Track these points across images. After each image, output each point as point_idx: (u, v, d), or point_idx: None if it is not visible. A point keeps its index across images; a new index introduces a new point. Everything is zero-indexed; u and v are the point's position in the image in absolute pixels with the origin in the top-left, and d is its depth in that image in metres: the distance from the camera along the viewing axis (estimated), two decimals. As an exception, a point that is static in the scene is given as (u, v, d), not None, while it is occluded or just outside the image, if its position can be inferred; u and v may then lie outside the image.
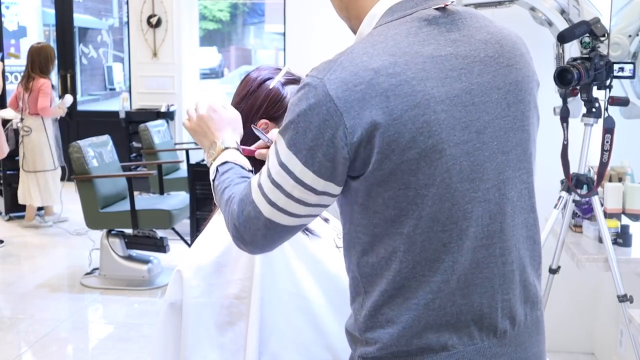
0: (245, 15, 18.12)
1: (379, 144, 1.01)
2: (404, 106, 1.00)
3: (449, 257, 1.06)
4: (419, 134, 1.01)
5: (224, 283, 1.48)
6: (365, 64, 1.02)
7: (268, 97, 1.57)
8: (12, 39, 10.73)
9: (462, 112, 1.04)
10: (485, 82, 1.07)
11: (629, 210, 2.69)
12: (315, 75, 1.05)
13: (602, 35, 2.50)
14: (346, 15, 1.19)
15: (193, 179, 4.74)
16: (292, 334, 1.47)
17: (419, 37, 1.06)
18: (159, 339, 1.55)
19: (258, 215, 1.11)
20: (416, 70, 1.02)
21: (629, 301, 2.51)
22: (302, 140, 1.04)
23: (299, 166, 1.05)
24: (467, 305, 1.08)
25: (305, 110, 1.03)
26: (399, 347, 1.08)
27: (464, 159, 1.04)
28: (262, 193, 1.10)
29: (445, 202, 1.04)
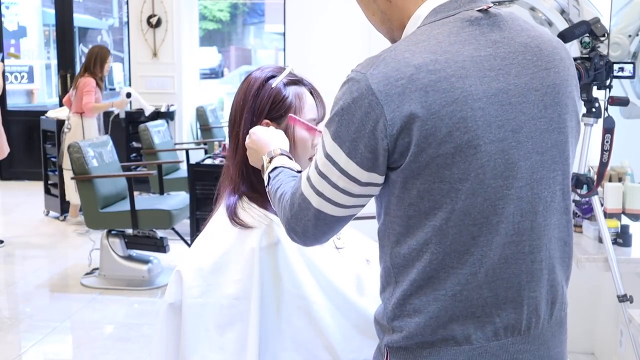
0: (245, 15, 18.13)
1: (417, 137, 1.04)
2: (442, 101, 1.04)
3: (478, 250, 1.09)
4: (456, 129, 1.04)
5: (224, 283, 1.48)
6: (407, 61, 1.06)
7: (270, 97, 1.57)
8: (12, 39, 10.73)
9: (498, 110, 1.07)
10: (522, 83, 1.10)
11: (629, 210, 2.69)
12: (359, 70, 1.08)
13: (602, 35, 2.50)
14: (389, 27, 1.22)
15: (193, 179, 4.74)
16: (292, 334, 1.47)
17: (460, 36, 1.09)
18: (158, 339, 1.55)
19: (308, 206, 1.16)
20: (456, 68, 1.06)
21: (629, 301, 2.51)
22: (345, 132, 1.08)
23: (344, 157, 1.09)
24: (493, 298, 1.11)
25: (349, 103, 1.07)
26: (425, 337, 1.11)
27: (499, 156, 1.07)
28: (311, 184, 1.15)
29: (477, 197, 1.07)
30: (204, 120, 7.52)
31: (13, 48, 10.58)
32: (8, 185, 8.09)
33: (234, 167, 1.60)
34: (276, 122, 1.59)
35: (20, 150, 8.05)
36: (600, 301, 3.38)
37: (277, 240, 1.50)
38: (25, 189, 7.92)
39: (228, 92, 12.81)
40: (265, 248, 1.48)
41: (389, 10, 1.19)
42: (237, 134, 1.60)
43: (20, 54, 10.86)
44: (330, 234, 1.22)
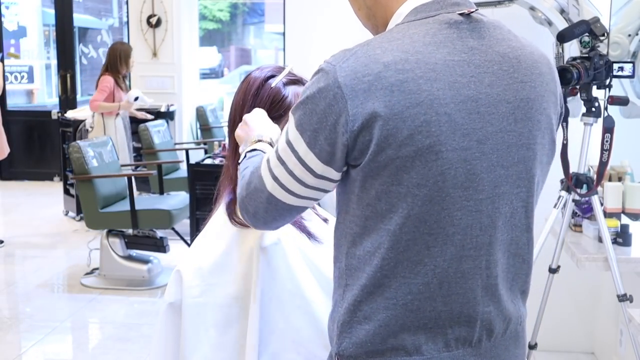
0: (245, 15, 18.12)
1: (377, 136, 1.02)
2: (406, 102, 1.02)
3: (431, 260, 1.07)
4: (418, 132, 1.02)
5: (224, 283, 1.48)
6: (377, 57, 1.04)
7: (270, 97, 1.57)
8: (12, 39, 10.73)
9: (465, 118, 1.04)
10: (494, 93, 1.07)
11: (629, 210, 2.69)
12: (330, 62, 1.07)
13: (602, 35, 2.50)
14: (374, 23, 1.21)
15: (193, 179, 4.74)
16: (292, 334, 1.47)
17: (436, 38, 1.07)
18: (158, 339, 1.55)
19: (262, 188, 1.15)
20: (426, 69, 1.03)
21: (628, 300, 2.51)
22: (308, 122, 1.07)
23: (303, 146, 1.08)
24: (448, 312, 1.09)
25: (315, 93, 1.06)
26: (374, 346, 1.09)
27: (460, 166, 1.05)
28: (269, 167, 1.14)
29: (435, 205, 1.05)
30: (204, 120, 7.51)
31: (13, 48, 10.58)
32: (8, 185, 8.09)
33: (234, 166, 1.60)
34: (276, 122, 1.59)
35: (20, 150, 8.05)
36: (600, 301, 3.38)
37: (277, 239, 1.50)
38: (25, 189, 7.92)
39: (228, 92, 12.80)
40: (265, 247, 1.48)
41: (374, 6, 1.18)
42: (237, 133, 1.60)
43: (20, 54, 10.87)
44: (280, 222, 1.20)
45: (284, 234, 1.52)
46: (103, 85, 5.72)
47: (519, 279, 1.17)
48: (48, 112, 7.76)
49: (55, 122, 7.15)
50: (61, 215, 6.60)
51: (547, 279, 2.76)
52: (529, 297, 1.23)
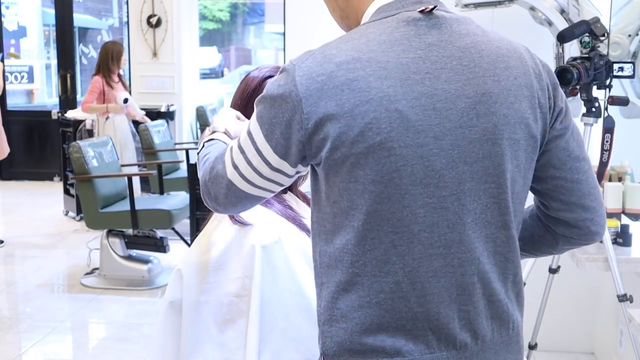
0: (245, 15, 18.13)
1: (331, 134, 1.04)
2: (356, 100, 1.03)
3: (399, 259, 1.07)
4: (368, 129, 1.03)
5: (224, 281, 1.48)
6: (331, 57, 1.07)
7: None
8: (12, 39, 10.73)
9: (419, 115, 1.04)
10: (452, 89, 1.06)
11: (629, 210, 2.69)
12: (292, 62, 1.10)
13: (602, 35, 2.50)
14: (347, 24, 1.22)
15: (193, 179, 4.74)
16: (292, 332, 1.47)
17: (392, 37, 1.07)
18: (158, 338, 1.55)
19: (223, 174, 1.18)
20: (377, 68, 1.04)
21: (628, 301, 2.51)
22: (267, 115, 1.10)
23: (261, 137, 1.11)
24: (424, 313, 1.08)
25: (275, 89, 1.09)
26: (353, 345, 1.09)
27: (417, 162, 1.04)
28: (231, 155, 1.17)
29: (395, 203, 1.05)
30: (204, 120, 7.52)
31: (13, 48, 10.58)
32: (8, 185, 8.10)
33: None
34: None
35: (21, 150, 8.05)
36: (600, 301, 3.38)
37: (277, 238, 1.50)
38: (25, 189, 7.92)
39: (228, 92, 12.81)
40: (265, 246, 1.48)
41: (346, 7, 1.19)
42: (236, 133, 1.60)
43: (20, 54, 10.87)
44: (239, 207, 1.23)
45: (284, 232, 1.53)
46: (92, 87, 5.82)
47: (506, 279, 1.14)
48: (48, 112, 7.77)
49: (55, 122, 7.16)
50: (61, 215, 6.60)
51: (547, 279, 2.76)
52: (529, 297, 1.22)
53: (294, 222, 1.56)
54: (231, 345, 1.47)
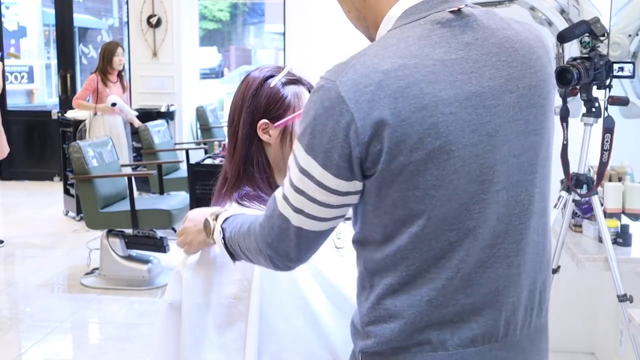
0: (245, 15, 18.12)
1: (387, 144, 1.02)
2: (411, 107, 1.02)
3: (455, 255, 1.07)
4: (426, 135, 1.02)
5: (224, 283, 1.48)
6: (375, 66, 1.03)
7: (269, 97, 1.57)
8: (12, 39, 10.73)
9: (471, 114, 1.05)
10: (497, 85, 1.08)
11: (629, 210, 2.69)
12: (328, 78, 1.06)
13: (602, 35, 2.50)
14: (364, 25, 1.20)
15: (193, 179, 4.74)
16: (292, 334, 1.46)
17: (430, 40, 1.06)
18: (158, 339, 1.55)
19: (288, 225, 1.12)
20: (425, 72, 1.03)
21: (628, 301, 2.51)
22: (318, 143, 1.05)
23: (319, 169, 1.06)
24: (470, 304, 1.09)
25: (320, 112, 1.05)
26: (399, 342, 1.09)
27: (473, 161, 1.05)
28: (288, 202, 1.11)
29: (453, 203, 1.05)
30: (204, 120, 7.52)
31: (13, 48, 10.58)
32: (8, 185, 8.09)
33: (231, 166, 1.60)
34: (275, 122, 1.59)
35: (21, 150, 8.05)
36: (600, 301, 3.38)
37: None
38: (25, 189, 7.92)
39: (228, 92, 12.80)
40: (264, 248, 1.48)
41: (363, 8, 1.17)
42: (235, 133, 1.60)
43: (20, 54, 10.86)
44: (313, 251, 1.18)
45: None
46: (87, 84, 5.99)
47: (543, 268, 1.17)
48: (48, 112, 7.77)
49: (55, 122, 7.16)
50: (61, 215, 6.60)
51: (547, 279, 2.75)
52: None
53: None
54: (230, 347, 1.46)
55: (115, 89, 5.95)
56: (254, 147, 1.59)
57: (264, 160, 1.60)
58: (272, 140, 1.60)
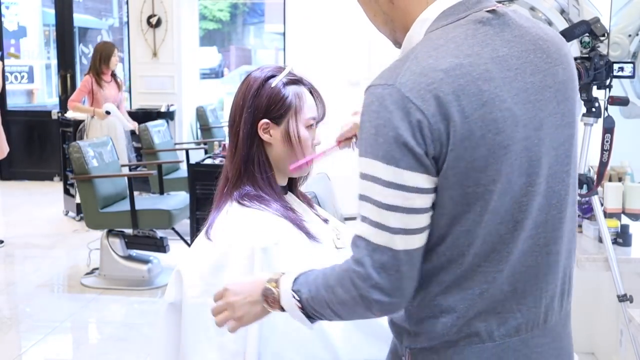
0: (245, 15, 18.12)
1: (453, 142, 1.03)
2: (473, 105, 1.04)
3: (504, 247, 1.10)
4: (488, 131, 1.04)
5: (224, 283, 1.48)
6: (432, 66, 1.05)
7: (270, 97, 1.58)
8: (12, 39, 10.72)
9: (522, 110, 1.08)
10: (537, 81, 1.11)
11: (629, 210, 2.69)
12: (383, 84, 1.06)
13: (602, 35, 2.50)
14: (391, 28, 1.21)
15: (193, 179, 4.74)
16: (292, 334, 1.46)
17: (476, 39, 1.09)
18: (159, 339, 1.55)
19: (393, 254, 1.06)
20: (480, 71, 1.06)
21: (628, 301, 2.51)
22: (398, 149, 1.03)
23: (407, 174, 1.04)
24: (512, 292, 1.12)
25: (388, 118, 1.03)
26: (450, 337, 1.11)
27: (524, 155, 1.08)
28: (384, 229, 1.05)
29: (507, 197, 1.08)
30: (204, 120, 7.51)
31: (13, 48, 10.58)
32: (8, 185, 8.09)
33: (232, 166, 1.60)
34: (275, 122, 1.59)
35: (21, 150, 8.05)
36: (600, 301, 3.38)
37: (277, 240, 1.50)
38: (26, 189, 7.92)
39: (228, 92, 12.80)
40: (265, 248, 1.48)
41: (391, 11, 1.18)
42: (236, 133, 1.60)
43: (20, 54, 10.86)
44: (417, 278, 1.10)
45: (284, 234, 1.52)
46: (82, 85, 5.91)
47: (572, 255, 1.21)
48: (48, 112, 7.76)
49: (55, 122, 7.16)
50: (61, 215, 6.60)
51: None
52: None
53: (294, 223, 1.56)
54: (231, 347, 1.46)
55: (110, 89, 5.94)
56: (254, 147, 1.59)
57: (265, 160, 1.60)
58: (273, 140, 1.60)
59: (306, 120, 1.62)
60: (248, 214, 1.54)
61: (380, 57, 4.65)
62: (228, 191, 1.60)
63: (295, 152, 1.60)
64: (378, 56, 4.08)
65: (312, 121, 1.64)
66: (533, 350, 1.14)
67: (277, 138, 1.60)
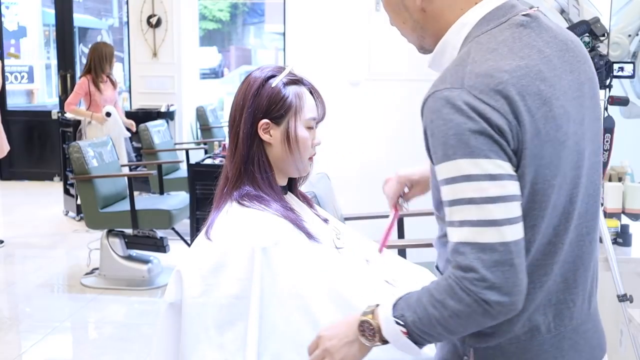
0: (245, 15, 18.12)
1: (526, 140, 1.06)
2: (536, 104, 1.07)
3: (559, 239, 1.14)
4: (550, 128, 1.08)
5: (224, 283, 1.48)
6: (494, 68, 1.07)
7: (270, 97, 1.58)
8: (12, 39, 10.72)
9: (570, 106, 1.13)
10: (575, 78, 1.16)
11: (629, 210, 2.69)
12: (450, 87, 1.07)
13: (602, 35, 2.50)
14: (419, 35, 1.23)
15: (193, 179, 4.74)
16: (292, 334, 1.46)
17: (522, 42, 1.12)
18: (158, 339, 1.55)
19: (505, 248, 1.03)
20: (535, 71, 1.09)
21: (628, 301, 2.50)
22: (483, 141, 1.04)
23: (498, 162, 1.04)
24: (566, 284, 1.16)
25: (463, 120, 1.04)
26: (514, 332, 1.14)
27: (574, 149, 1.13)
28: (491, 224, 1.03)
29: (563, 190, 1.12)
30: (204, 120, 7.51)
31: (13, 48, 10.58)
32: (8, 185, 8.09)
33: (232, 166, 1.60)
34: (275, 122, 1.59)
35: (21, 150, 8.05)
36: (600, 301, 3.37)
37: (277, 240, 1.50)
38: (25, 189, 7.92)
39: (228, 92, 12.80)
40: (265, 248, 1.48)
41: (422, 19, 1.20)
42: (236, 133, 1.60)
43: (20, 54, 10.86)
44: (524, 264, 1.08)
45: (283, 234, 1.52)
46: (78, 87, 5.82)
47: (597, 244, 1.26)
48: (48, 112, 7.76)
49: (55, 122, 7.16)
50: (61, 215, 6.60)
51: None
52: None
53: (294, 223, 1.56)
54: (230, 347, 1.46)
55: (107, 89, 5.93)
56: (254, 147, 1.59)
57: (265, 160, 1.60)
58: (272, 140, 1.60)
59: (306, 120, 1.61)
60: (248, 214, 1.54)
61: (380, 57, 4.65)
62: (228, 191, 1.60)
63: (295, 153, 1.60)
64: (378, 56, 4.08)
65: (312, 121, 1.64)
66: (581, 336, 1.18)
67: (277, 138, 1.60)
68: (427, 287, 1.11)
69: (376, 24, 3.92)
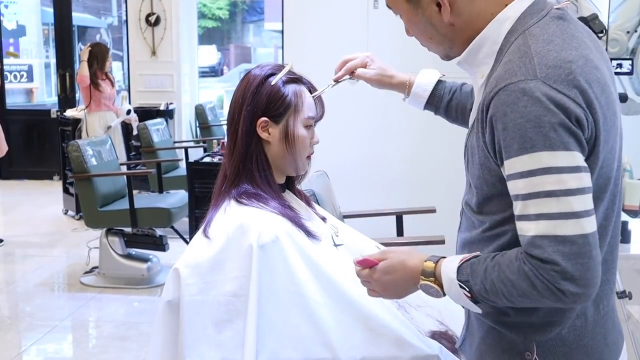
0: (244, 13, 18.11)
1: (598, 127, 1.08)
2: (599, 90, 1.09)
3: (608, 223, 1.17)
4: (610, 114, 1.12)
5: (222, 281, 1.48)
6: (559, 59, 1.08)
7: (270, 95, 1.57)
8: (11, 38, 10.71)
9: (614, 93, 1.16)
10: (608, 69, 1.18)
11: (628, 207, 2.69)
12: (524, 79, 1.06)
13: (600, 32, 2.49)
14: (447, 47, 1.24)
15: (192, 177, 4.73)
16: (290, 331, 1.46)
17: (567, 34, 1.13)
18: (156, 337, 1.55)
19: (584, 240, 1.04)
20: (588, 60, 1.10)
21: (627, 297, 2.51)
22: (563, 133, 1.04)
23: (577, 155, 1.05)
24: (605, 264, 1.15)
25: (546, 108, 1.04)
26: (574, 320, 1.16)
27: (617, 139, 1.17)
28: (570, 216, 1.04)
29: (612, 174, 1.15)
30: (203, 118, 7.51)
31: (12, 47, 10.57)
32: (7, 185, 8.09)
33: (231, 164, 1.60)
34: (274, 120, 1.59)
35: (20, 149, 8.05)
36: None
37: (275, 237, 1.50)
38: (25, 188, 7.92)
39: (227, 90, 12.80)
40: (263, 245, 1.48)
41: (450, 32, 1.21)
42: (235, 131, 1.60)
43: (19, 53, 10.86)
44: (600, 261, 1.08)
45: (282, 231, 1.52)
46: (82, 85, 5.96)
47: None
48: (47, 111, 7.76)
49: (54, 121, 7.15)
50: (60, 214, 6.60)
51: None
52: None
53: (292, 221, 1.56)
54: (229, 345, 1.46)
55: (106, 86, 5.96)
56: (253, 145, 1.59)
57: (263, 158, 1.60)
58: (271, 139, 1.60)
59: (305, 119, 1.61)
60: (246, 211, 1.54)
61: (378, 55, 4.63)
62: (226, 189, 1.60)
63: (293, 151, 1.60)
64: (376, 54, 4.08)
65: (311, 120, 1.63)
66: (615, 315, 1.23)
67: (275, 136, 1.60)
68: (498, 261, 1.10)
69: (374, 22, 3.91)
